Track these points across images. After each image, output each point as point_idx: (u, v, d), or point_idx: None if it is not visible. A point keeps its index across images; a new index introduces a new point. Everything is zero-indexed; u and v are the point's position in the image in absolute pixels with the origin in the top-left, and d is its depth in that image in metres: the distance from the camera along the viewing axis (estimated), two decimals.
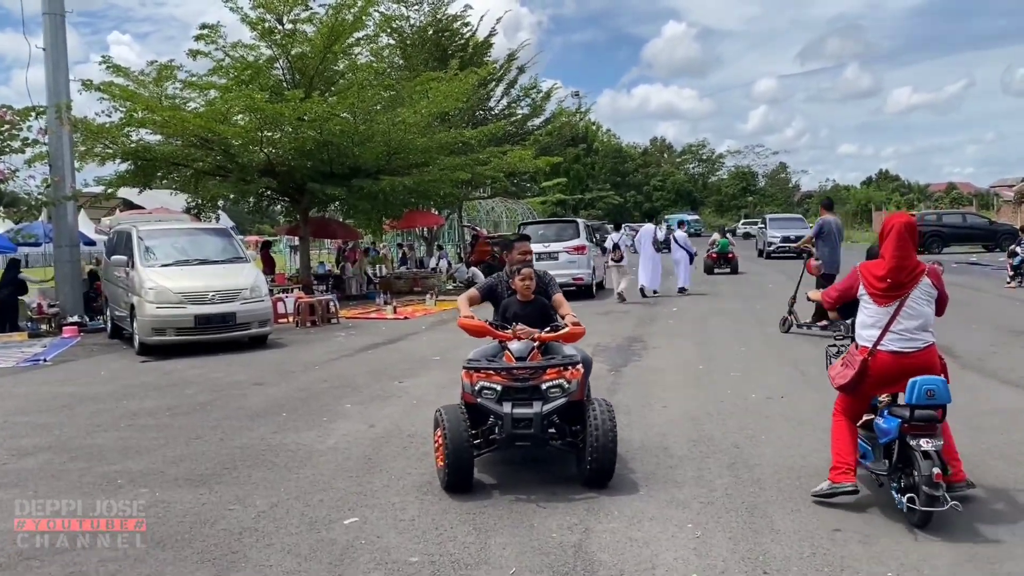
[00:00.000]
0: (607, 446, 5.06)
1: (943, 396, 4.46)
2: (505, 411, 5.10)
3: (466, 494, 5.14)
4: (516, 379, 5.18)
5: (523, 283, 5.80)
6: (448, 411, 5.19)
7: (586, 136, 71.20)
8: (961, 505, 4.42)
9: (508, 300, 5.87)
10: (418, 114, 19.42)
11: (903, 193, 72.21)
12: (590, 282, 18.99)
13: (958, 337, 11.14)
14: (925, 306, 4.74)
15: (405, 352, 11.88)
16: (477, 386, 5.18)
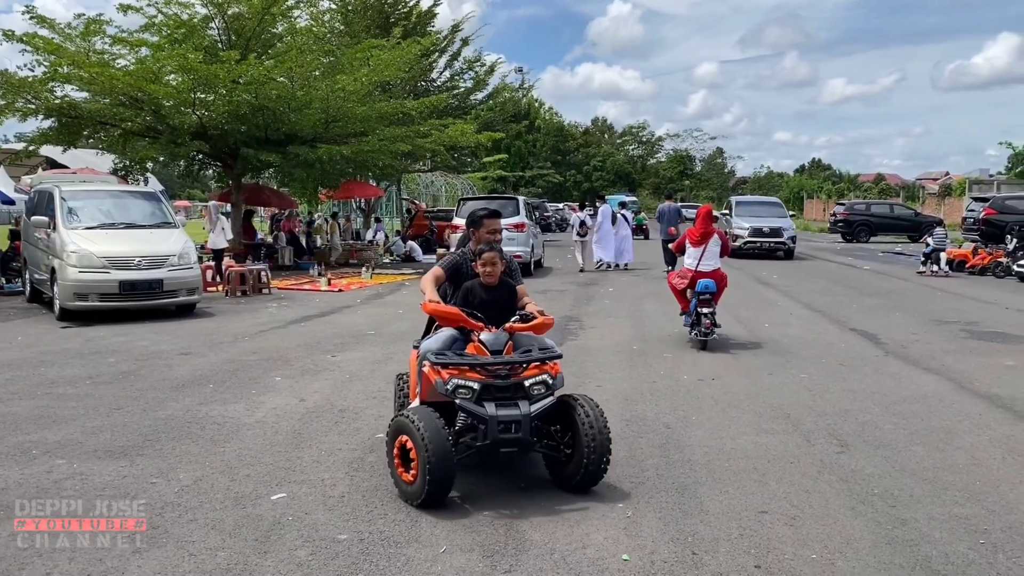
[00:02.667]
0: (602, 448, 4.60)
1: (712, 288, 9.68)
2: (490, 413, 4.49)
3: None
4: (496, 376, 4.60)
5: (486, 268, 5.12)
6: (421, 416, 4.43)
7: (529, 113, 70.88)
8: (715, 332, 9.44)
9: (472, 284, 5.16)
10: (358, 82, 19.03)
11: (834, 182, 73.99)
12: (528, 260, 18.99)
13: (882, 325, 11.48)
14: (715, 249, 9.92)
15: (339, 325, 11.69)
16: (450, 384, 4.53)
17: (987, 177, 53.85)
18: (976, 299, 14.79)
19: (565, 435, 4.75)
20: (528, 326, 4.96)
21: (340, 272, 19.77)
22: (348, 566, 3.84)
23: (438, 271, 5.27)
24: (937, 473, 5.22)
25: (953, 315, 12.53)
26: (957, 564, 3.90)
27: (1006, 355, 9.29)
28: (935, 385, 7.75)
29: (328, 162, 18.99)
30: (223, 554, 3.97)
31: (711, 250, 9.82)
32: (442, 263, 5.37)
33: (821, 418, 6.50)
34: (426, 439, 4.30)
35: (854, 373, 8.26)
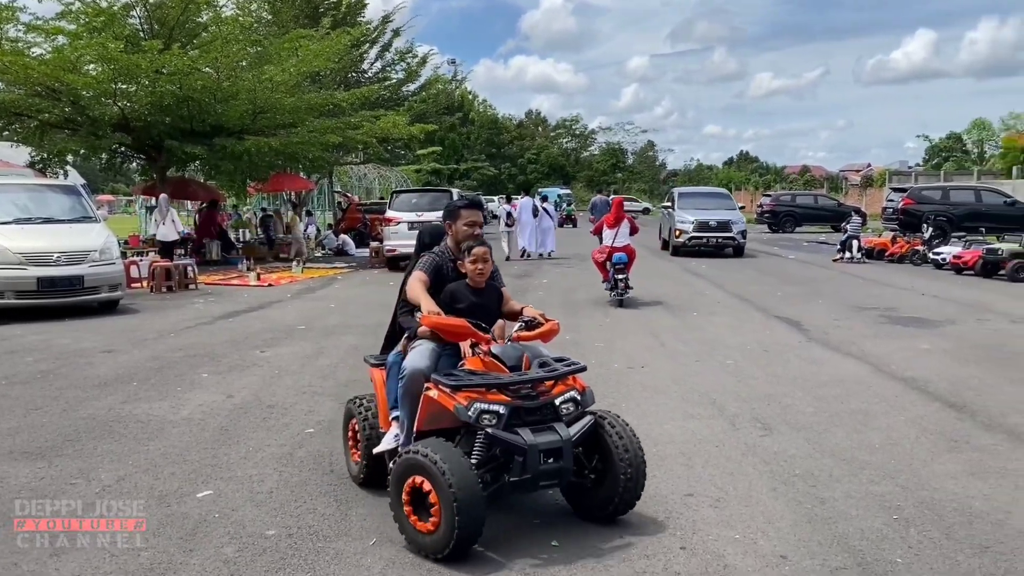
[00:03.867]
0: (639, 471, 4.11)
1: (625, 259, 12.41)
2: (529, 441, 3.78)
3: None
4: (524, 396, 3.91)
5: (478, 267, 4.43)
6: (441, 451, 3.67)
7: (462, 105, 70.78)
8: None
9: (456, 286, 4.46)
10: (286, 73, 18.72)
11: (761, 174, 75.87)
12: None
13: (805, 312, 11.83)
14: (626, 230, 12.79)
15: (268, 320, 11.50)
16: (472, 410, 3.77)
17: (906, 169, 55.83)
18: (894, 286, 15.34)
19: (591, 458, 4.18)
20: (536, 334, 4.33)
21: (270, 267, 19.44)
22: (276, 561, 3.80)
23: (422, 276, 4.44)
24: (855, 453, 5.41)
25: (872, 302, 12.97)
26: (872, 539, 4.06)
27: (922, 339, 9.66)
28: (854, 369, 8.03)
29: (256, 154, 18.64)
30: (146, 554, 3.88)
31: (623, 231, 12.83)
32: (423, 265, 4.51)
33: (746, 403, 6.67)
34: (451, 480, 3.54)
35: (777, 359, 8.50)
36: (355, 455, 4.80)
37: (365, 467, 4.63)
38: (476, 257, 4.43)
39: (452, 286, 4.47)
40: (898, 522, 4.27)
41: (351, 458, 4.86)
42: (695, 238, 21.84)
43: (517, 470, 3.83)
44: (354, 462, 4.80)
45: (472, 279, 4.48)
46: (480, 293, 4.50)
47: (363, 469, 4.65)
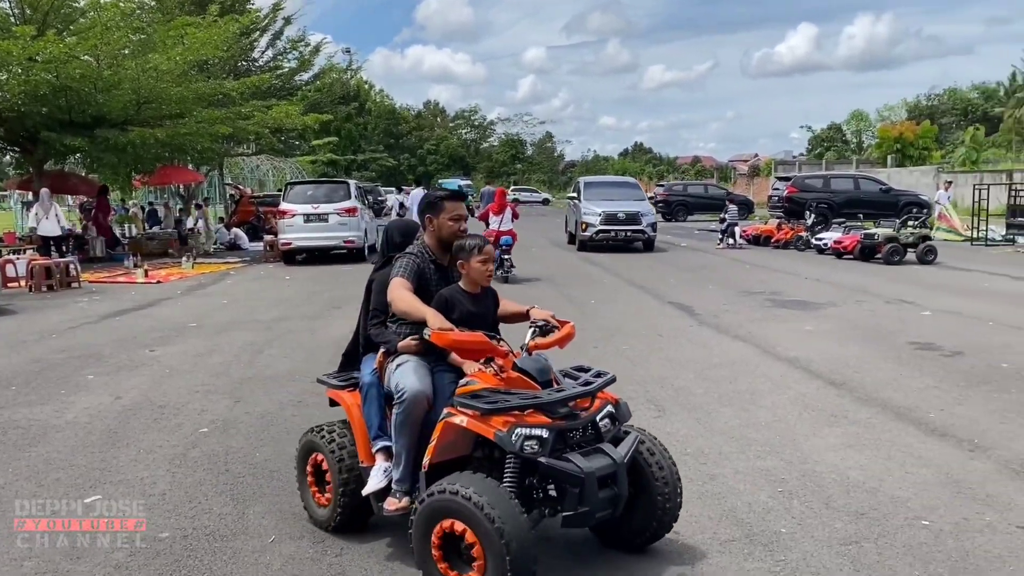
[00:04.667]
0: (677, 494, 3.70)
1: (510, 242, 14.54)
2: (587, 467, 3.28)
3: None
4: (566, 416, 3.41)
5: (488, 267, 3.86)
6: (482, 490, 3.12)
7: (358, 95, 69.77)
8: None
9: (451, 293, 3.83)
10: (172, 61, 18.04)
11: (655, 165, 77.80)
12: (362, 245, 18.72)
13: (696, 297, 12.25)
14: (509, 216, 14.77)
15: (157, 318, 11.10)
16: (515, 435, 3.22)
17: (790, 158, 58.33)
18: (780, 271, 16.04)
19: None
20: (553, 340, 3.86)
21: (158, 263, 18.71)
22: (170, 564, 3.71)
23: (405, 283, 3.77)
24: (743, 431, 5.66)
25: (759, 286, 13.54)
26: (758, 512, 4.27)
27: (805, 321, 10.15)
28: (742, 351, 8.38)
29: (141, 146, 17.93)
30: (30, 563, 3.72)
31: (507, 217, 14.79)
32: (403, 269, 3.83)
33: (640, 386, 6.87)
34: (502, 526, 3.02)
35: (671, 343, 8.78)
36: (320, 497, 4.07)
37: (340, 511, 3.90)
38: (487, 256, 3.83)
39: (446, 292, 3.82)
40: (782, 494, 4.51)
41: (314, 501, 4.11)
42: (602, 231, 20.05)
43: (572, 503, 3.30)
44: (320, 505, 4.06)
45: (474, 282, 3.86)
46: (477, 299, 3.88)
47: (338, 513, 3.92)
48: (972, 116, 61.15)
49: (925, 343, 8.58)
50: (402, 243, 4.12)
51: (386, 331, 3.87)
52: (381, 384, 3.77)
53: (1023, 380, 6.97)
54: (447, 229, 3.95)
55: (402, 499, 3.58)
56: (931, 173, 34.25)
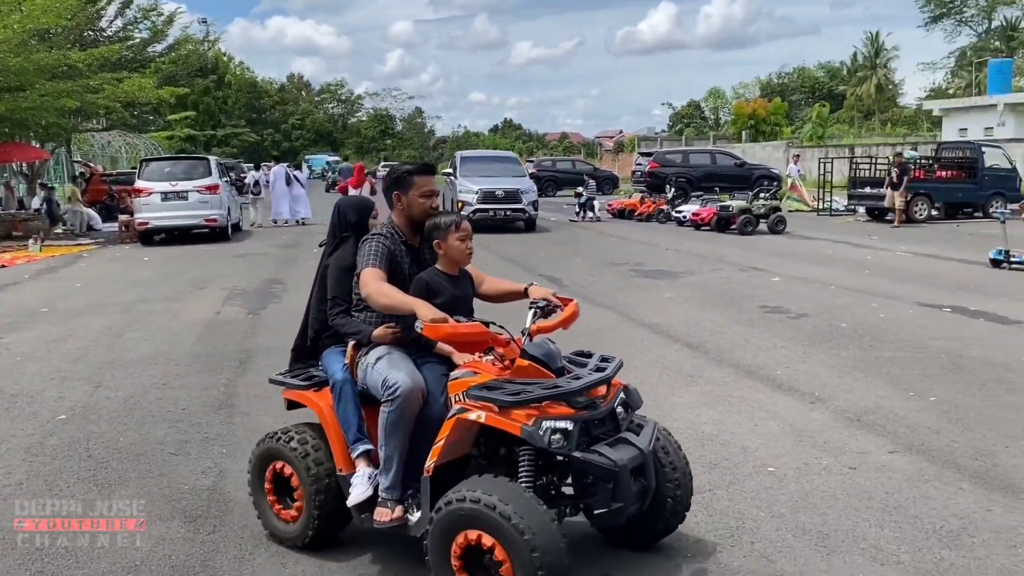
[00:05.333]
0: (688, 490, 3.51)
1: None
2: (620, 460, 3.04)
3: None
4: (587, 406, 3.13)
5: (468, 245, 3.55)
6: (507, 496, 2.84)
7: (216, 67, 66.86)
8: None
9: (430, 276, 3.47)
10: (9, 30, 16.81)
11: (524, 141, 78.59)
12: (225, 223, 18.10)
13: (565, 269, 12.62)
14: (368, 190, 17.04)
15: (4, 304, 10.43)
16: (543, 430, 2.94)
17: (653, 135, 60.22)
18: (643, 243, 16.68)
19: None
20: (558, 322, 3.55)
21: (2, 245, 17.49)
22: (31, 553, 3.59)
23: (379, 272, 3.38)
24: None
25: (624, 257, 14.06)
26: None
27: (666, 289, 10.66)
28: (607, 318, 8.73)
29: None
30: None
31: (365, 191, 15.94)
32: (372, 255, 3.41)
33: None
34: (533, 540, 2.75)
35: None
36: (283, 512, 3.64)
37: (315, 525, 3.49)
38: (466, 233, 3.52)
39: (426, 277, 3.47)
40: None
41: (276, 516, 3.66)
42: (480, 211, 18.15)
43: (605, 499, 3.05)
44: (285, 520, 3.62)
45: (453, 262, 3.54)
46: (457, 281, 3.57)
47: (312, 528, 3.50)
48: (819, 94, 64.96)
49: (774, 307, 9.20)
50: (358, 222, 3.74)
51: (353, 320, 3.51)
52: (354, 381, 3.44)
53: (859, 338, 7.61)
54: (418, 207, 3.56)
55: (395, 508, 3.23)
56: (782, 148, 36.28)
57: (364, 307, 3.46)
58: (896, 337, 7.60)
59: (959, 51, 51.77)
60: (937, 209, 20.43)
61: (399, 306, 3.23)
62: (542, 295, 3.64)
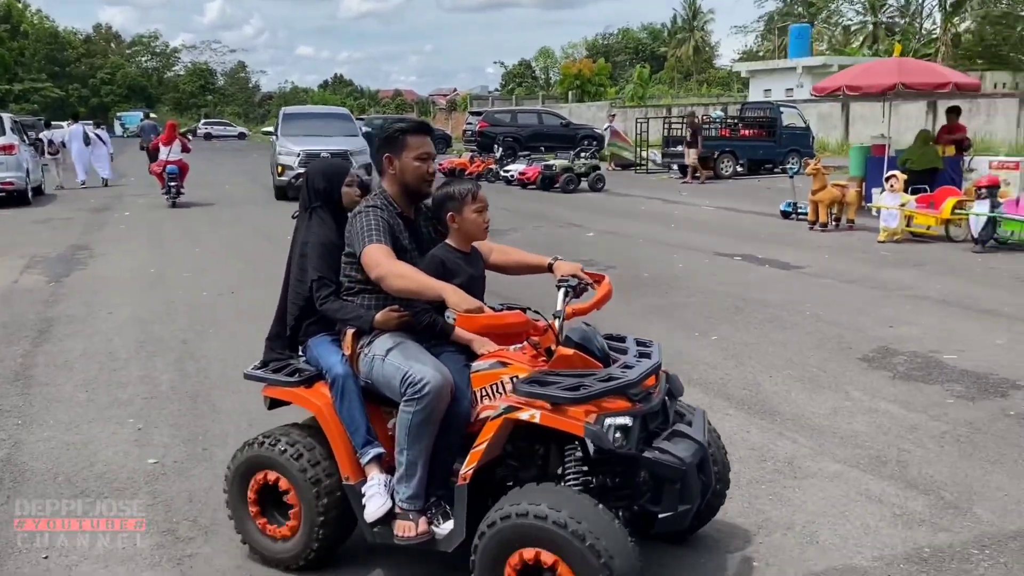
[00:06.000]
0: (726, 470, 3.28)
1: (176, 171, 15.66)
2: (687, 458, 2.73)
3: None
4: (642, 398, 2.83)
5: (485, 218, 3.18)
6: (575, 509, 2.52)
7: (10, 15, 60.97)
8: None
9: (444, 254, 3.10)
10: None
11: (356, 98, 76.97)
12: (24, 187, 16.71)
13: None
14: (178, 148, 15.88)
15: None
16: (607, 428, 2.64)
17: (485, 93, 60.68)
18: None
19: None
20: (595, 303, 3.21)
21: None
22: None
23: (387, 248, 2.93)
24: None
25: None
26: None
27: None
28: None
29: None
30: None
31: (175, 149, 15.91)
32: (374, 229, 2.96)
33: None
34: (610, 559, 2.45)
35: None
36: (276, 529, 3.19)
37: (319, 543, 3.07)
38: (483, 204, 3.14)
39: (440, 254, 3.09)
40: None
41: (264, 534, 3.22)
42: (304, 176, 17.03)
43: (672, 501, 2.75)
44: (277, 538, 3.18)
45: (468, 238, 3.17)
46: (471, 259, 3.19)
47: (314, 545, 3.08)
48: (642, 55, 67.58)
49: (586, 260, 9.71)
50: (326, 190, 3.29)
51: (348, 304, 3.08)
52: (356, 375, 3.06)
53: (657, 286, 8.25)
54: (413, 172, 3.09)
55: (419, 521, 2.87)
56: (606, 108, 37.60)
57: (360, 289, 3.05)
58: (690, 284, 8.31)
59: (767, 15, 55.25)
60: (741, 166, 22.01)
61: (422, 290, 2.79)
62: (571, 271, 3.20)
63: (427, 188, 3.14)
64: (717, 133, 22.54)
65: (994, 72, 39.51)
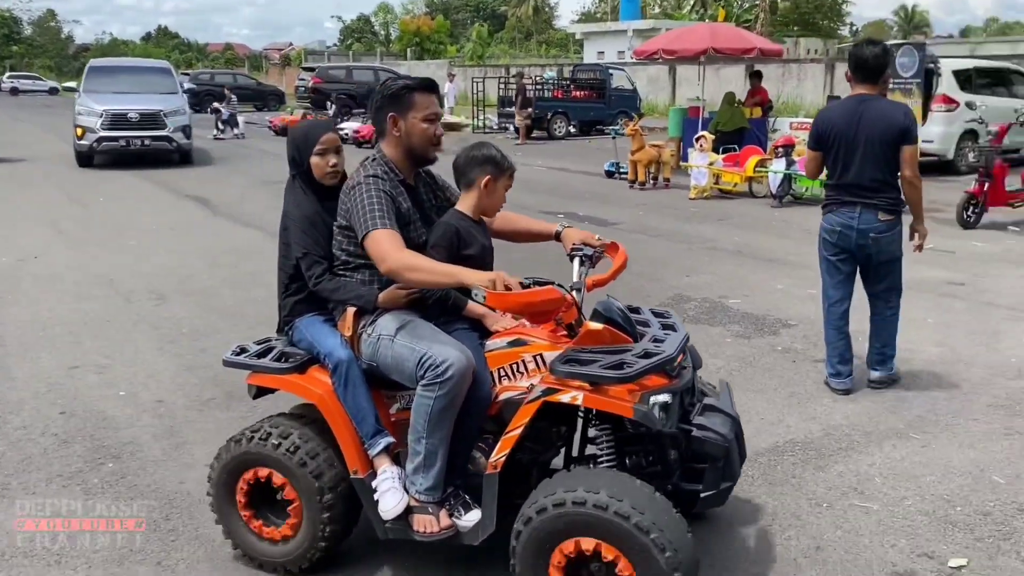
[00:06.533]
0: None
1: None
2: (727, 433, 2.63)
3: None
4: (677, 374, 2.67)
5: (508, 191, 2.98)
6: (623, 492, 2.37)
7: None
8: None
9: (460, 223, 2.87)
10: None
11: (182, 51, 72.67)
12: None
13: (217, 190, 12.30)
14: None
15: None
16: (653, 407, 2.48)
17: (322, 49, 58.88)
18: None
19: None
20: (614, 272, 3.00)
21: None
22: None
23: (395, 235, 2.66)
24: (240, 307, 6.16)
25: (282, 176, 13.77)
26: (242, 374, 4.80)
27: None
28: (252, 237, 8.82)
29: None
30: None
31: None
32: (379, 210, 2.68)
33: (143, 279, 6.96)
34: (672, 552, 2.31)
35: (183, 236, 8.88)
36: (269, 530, 2.93)
37: (324, 543, 2.83)
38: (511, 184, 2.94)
39: (453, 222, 2.85)
40: None
41: (255, 534, 2.96)
42: (106, 140, 14.43)
43: (714, 479, 2.66)
44: (272, 540, 2.92)
45: (490, 209, 2.96)
46: (483, 228, 2.99)
47: (318, 546, 2.83)
48: (484, 13, 67.49)
49: None
50: (294, 158, 2.98)
51: (347, 282, 2.83)
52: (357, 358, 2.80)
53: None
54: (420, 134, 2.82)
55: (439, 514, 2.69)
56: (445, 66, 37.47)
57: (358, 264, 2.81)
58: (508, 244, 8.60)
59: None
60: (574, 126, 22.66)
61: (440, 282, 2.65)
62: (581, 239, 3.00)
63: (433, 153, 2.88)
64: (551, 95, 23.03)
65: (807, 39, 42.51)
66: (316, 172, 2.92)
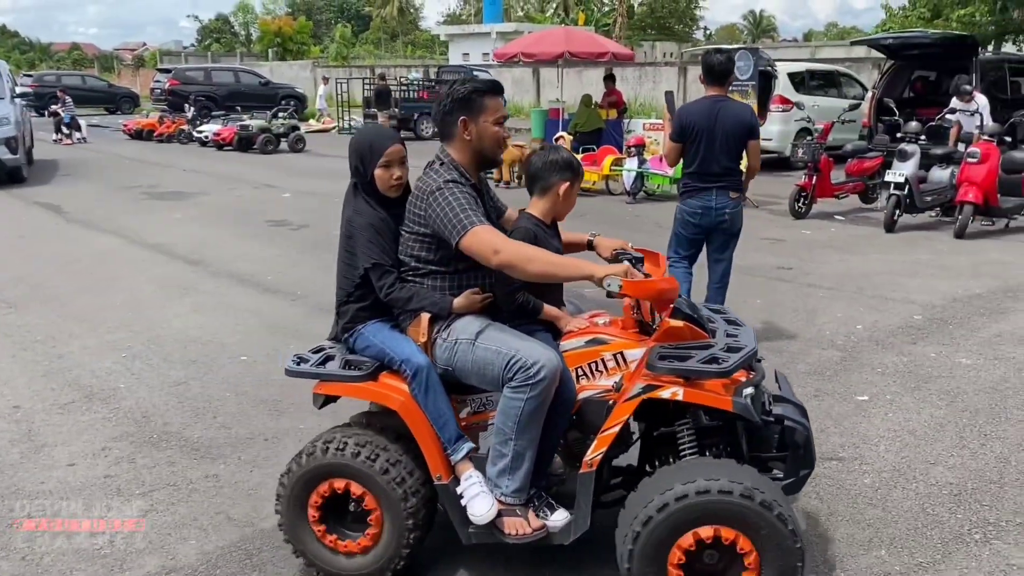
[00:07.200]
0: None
1: None
2: (806, 423, 2.79)
3: None
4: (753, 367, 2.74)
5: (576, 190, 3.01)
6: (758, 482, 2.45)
7: None
8: None
9: (536, 229, 2.90)
10: None
11: (23, 51, 68.18)
12: None
13: (67, 195, 11.84)
14: None
15: None
16: (744, 395, 2.55)
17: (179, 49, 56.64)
18: (161, 164, 16.11)
19: None
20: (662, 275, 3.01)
21: None
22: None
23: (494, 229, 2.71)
24: (97, 313, 6.07)
25: (137, 180, 13.52)
26: (100, 376, 4.82)
27: (176, 210, 10.69)
28: (109, 242, 8.61)
29: None
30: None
31: None
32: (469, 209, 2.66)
33: None
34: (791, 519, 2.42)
35: (34, 244, 8.57)
36: (346, 543, 2.85)
37: (408, 552, 2.79)
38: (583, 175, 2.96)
39: (531, 227, 2.87)
40: (126, 359, 5.11)
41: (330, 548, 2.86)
42: None
43: (795, 467, 2.76)
44: (349, 553, 2.85)
45: (561, 213, 3.01)
46: (555, 232, 3.03)
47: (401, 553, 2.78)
48: (348, 14, 66.64)
49: (279, 220, 9.86)
50: (357, 168, 2.88)
51: (419, 290, 2.80)
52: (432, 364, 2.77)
53: None
54: (491, 137, 2.80)
55: (528, 516, 2.70)
56: (308, 67, 36.91)
57: (429, 271, 2.79)
58: None
59: None
60: None
61: (565, 273, 2.62)
62: (614, 246, 3.09)
63: (500, 155, 2.91)
64: (416, 96, 23.17)
65: (663, 42, 44.39)
66: (380, 184, 2.85)
